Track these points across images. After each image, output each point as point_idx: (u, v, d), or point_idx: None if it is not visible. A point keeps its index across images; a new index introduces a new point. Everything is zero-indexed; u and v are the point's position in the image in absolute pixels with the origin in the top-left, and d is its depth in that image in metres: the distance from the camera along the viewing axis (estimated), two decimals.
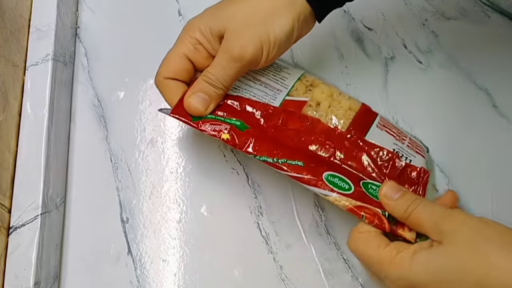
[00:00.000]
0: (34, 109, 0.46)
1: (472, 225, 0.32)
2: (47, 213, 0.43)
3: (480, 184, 0.45)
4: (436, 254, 0.32)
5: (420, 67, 0.50)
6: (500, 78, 0.48)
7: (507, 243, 0.30)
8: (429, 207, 0.34)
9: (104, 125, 0.50)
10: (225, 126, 0.39)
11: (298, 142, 0.40)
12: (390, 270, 0.33)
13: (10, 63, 0.46)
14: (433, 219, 0.33)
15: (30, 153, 0.45)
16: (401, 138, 0.42)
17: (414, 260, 0.32)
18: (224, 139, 0.38)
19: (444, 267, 0.31)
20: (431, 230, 0.33)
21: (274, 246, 0.44)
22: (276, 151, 0.38)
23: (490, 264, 0.29)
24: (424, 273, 0.31)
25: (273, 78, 0.43)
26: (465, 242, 0.31)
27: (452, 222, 0.32)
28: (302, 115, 0.41)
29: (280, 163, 0.37)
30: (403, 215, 0.35)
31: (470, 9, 0.51)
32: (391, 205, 0.36)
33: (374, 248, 0.34)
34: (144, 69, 0.52)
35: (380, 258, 0.34)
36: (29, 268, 0.41)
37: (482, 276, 0.29)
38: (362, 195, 0.37)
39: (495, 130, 0.47)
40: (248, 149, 0.38)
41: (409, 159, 0.41)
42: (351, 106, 0.43)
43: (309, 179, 0.37)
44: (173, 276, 0.44)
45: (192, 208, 0.46)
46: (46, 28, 0.50)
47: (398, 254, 0.33)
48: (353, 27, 0.52)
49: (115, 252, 0.45)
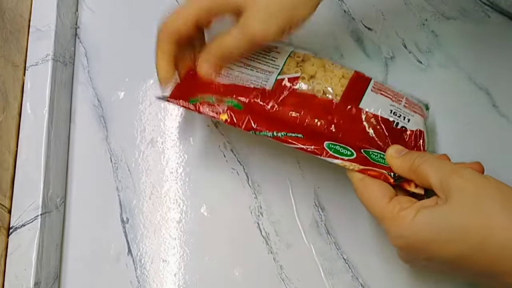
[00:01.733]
0: (34, 109, 0.46)
1: (479, 182, 0.31)
2: (47, 213, 0.43)
3: None
4: (441, 213, 0.31)
5: (420, 67, 0.50)
6: (500, 78, 0.48)
7: (509, 204, 0.30)
8: (437, 162, 0.34)
9: (104, 125, 0.50)
10: (222, 108, 0.39)
11: (295, 116, 0.40)
12: (392, 226, 0.32)
13: (10, 63, 0.46)
14: (440, 174, 0.33)
15: (30, 153, 0.45)
16: (398, 99, 0.42)
17: (416, 219, 0.31)
18: (223, 120, 0.38)
19: (448, 226, 0.30)
20: (437, 185, 0.32)
21: (274, 246, 0.44)
22: (274, 125, 0.38)
23: (492, 224, 0.29)
24: (426, 232, 0.31)
25: (263, 61, 0.43)
26: (471, 200, 0.30)
27: (459, 179, 0.31)
28: (297, 93, 0.41)
29: (281, 136, 0.38)
30: (410, 169, 0.34)
31: (470, 9, 0.51)
32: (398, 161, 0.36)
33: (378, 198, 0.34)
34: (144, 69, 0.52)
35: (383, 211, 0.33)
36: (29, 268, 0.41)
37: (485, 236, 0.29)
38: (365, 160, 0.37)
39: (495, 130, 0.47)
40: (248, 126, 0.38)
41: (408, 118, 0.41)
42: (344, 74, 0.42)
43: (311, 149, 0.37)
44: (173, 276, 0.44)
45: (192, 208, 0.46)
46: (46, 28, 0.50)
47: (401, 212, 0.32)
48: (353, 27, 0.52)
49: (115, 252, 0.45)
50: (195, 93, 0.41)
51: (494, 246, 0.29)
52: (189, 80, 0.42)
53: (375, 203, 0.34)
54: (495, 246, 0.29)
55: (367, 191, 0.35)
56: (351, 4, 0.53)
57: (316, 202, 0.45)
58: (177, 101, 0.40)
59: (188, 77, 0.43)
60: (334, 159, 0.37)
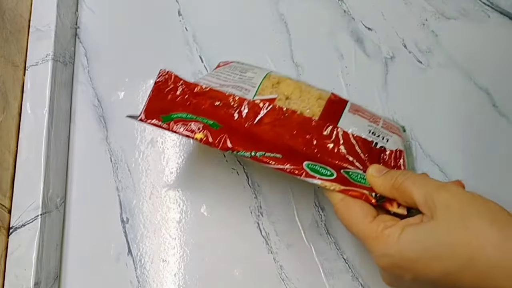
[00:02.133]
0: (34, 109, 0.46)
1: (464, 199, 0.30)
2: (47, 214, 0.43)
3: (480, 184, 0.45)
4: (427, 230, 0.30)
5: (420, 67, 0.50)
6: (500, 77, 0.48)
7: (497, 220, 0.29)
8: (420, 179, 0.33)
9: (104, 125, 0.50)
10: (197, 125, 0.37)
11: (274, 136, 0.39)
12: (376, 245, 0.31)
13: (10, 63, 0.46)
14: (424, 191, 0.32)
15: (30, 154, 0.45)
16: (375, 120, 0.42)
17: (402, 237, 0.30)
18: (198, 139, 0.37)
19: (434, 243, 0.30)
20: (422, 202, 0.31)
21: (274, 246, 0.44)
22: (252, 145, 0.37)
23: (481, 241, 0.28)
24: (412, 250, 0.30)
25: (240, 80, 0.43)
26: (457, 217, 0.30)
27: (445, 195, 0.31)
28: (278, 108, 0.40)
29: (259, 156, 0.36)
30: (392, 186, 0.33)
31: (470, 9, 0.51)
32: (379, 180, 0.35)
33: (360, 218, 0.33)
34: (144, 69, 0.52)
35: (366, 231, 0.32)
36: (29, 268, 0.41)
37: (473, 252, 0.28)
38: (346, 180, 0.36)
39: (495, 130, 0.47)
40: (224, 146, 0.37)
41: (386, 138, 0.40)
42: (320, 95, 0.42)
43: (291, 169, 0.36)
44: (173, 276, 0.44)
45: (192, 208, 0.46)
46: (46, 28, 0.50)
47: (386, 230, 0.31)
48: (353, 27, 0.52)
49: (115, 252, 0.45)
50: (167, 110, 0.39)
51: (483, 264, 0.28)
52: (160, 93, 0.40)
53: (357, 223, 0.33)
54: (484, 264, 0.28)
55: (348, 211, 0.34)
56: (351, 4, 0.53)
57: (316, 202, 0.45)
58: (149, 120, 0.37)
59: (158, 89, 0.40)
60: (314, 179, 0.35)
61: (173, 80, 0.40)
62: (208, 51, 0.52)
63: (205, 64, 0.52)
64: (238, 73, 0.44)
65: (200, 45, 0.53)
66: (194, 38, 0.53)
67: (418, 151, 0.47)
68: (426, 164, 0.46)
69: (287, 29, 0.52)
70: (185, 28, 0.54)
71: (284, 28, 0.52)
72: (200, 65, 0.52)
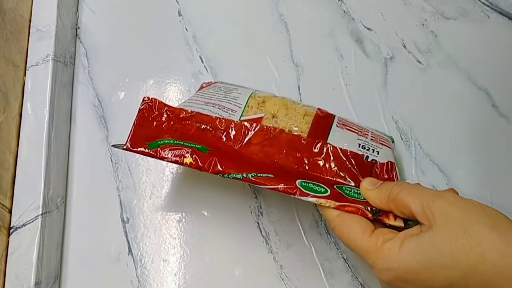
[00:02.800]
0: (34, 109, 0.46)
1: (462, 206, 0.30)
2: (47, 213, 0.43)
3: (480, 184, 0.45)
4: (427, 240, 0.30)
5: (419, 67, 0.50)
6: (500, 78, 0.49)
7: (496, 224, 0.29)
8: (415, 189, 0.33)
9: (105, 125, 0.50)
10: (186, 150, 0.36)
11: (264, 156, 0.39)
12: (377, 259, 0.31)
13: (10, 63, 0.46)
14: (421, 200, 0.31)
15: (30, 154, 0.45)
16: (363, 133, 0.42)
17: (403, 249, 0.30)
18: (188, 163, 0.36)
19: (436, 252, 0.29)
20: (420, 211, 0.31)
21: (274, 246, 0.44)
22: (243, 167, 0.36)
23: (483, 246, 0.28)
24: (414, 262, 0.30)
25: (225, 100, 0.42)
26: (456, 224, 0.29)
27: (442, 203, 0.30)
28: (266, 128, 0.40)
29: (251, 177, 0.35)
30: (388, 198, 0.33)
31: (470, 9, 0.51)
32: (373, 193, 0.34)
33: (358, 234, 0.32)
34: (144, 69, 0.52)
35: (366, 246, 0.32)
36: (30, 268, 0.41)
37: (476, 259, 0.28)
38: (340, 196, 0.36)
39: (494, 130, 0.47)
40: (214, 169, 0.36)
41: (377, 151, 0.40)
42: (307, 112, 0.42)
43: (284, 188, 0.35)
44: (173, 276, 0.44)
45: (192, 208, 0.46)
46: (46, 28, 0.50)
47: (386, 243, 0.31)
48: (353, 27, 0.52)
49: (115, 252, 0.45)
50: (153, 137, 0.38)
51: (487, 269, 0.28)
52: (144, 120, 0.39)
53: (355, 238, 0.32)
54: (488, 269, 0.28)
55: (345, 227, 0.33)
56: (350, 4, 0.53)
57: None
58: (135, 149, 0.36)
59: (142, 117, 0.39)
60: (309, 197, 0.35)
61: (157, 106, 0.39)
62: (208, 51, 0.52)
63: (205, 64, 0.52)
64: (223, 93, 0.43)
65: (200, 45, 0.53)
66: (194, 38, 0.53)
67: (418, 151, 0.47)
68: (426, 164, 0.46)
69: (287, 29, 0.52)
70: (185, 29, 0.54)
71: (284, 28, 0.52)
72: (200, 65, 0.52)
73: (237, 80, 0.48)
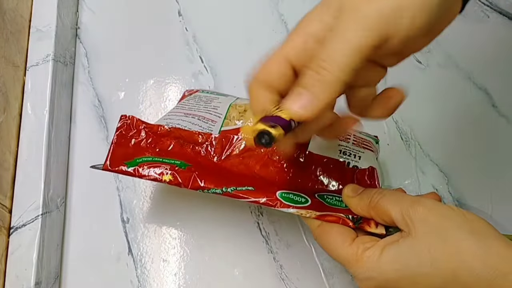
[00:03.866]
0: (34, 109, 0.46)
1: (441, 212, 0.30)
2: (47, 213, 0.43)
3: (480, 184, 0.45)
4: (406, 247, 0.29)
5: (419, 67, 0.50)
6: (499, 77, 0.49)
7: (476, 230, 0.29)
8: (396, 195, 0.32)
9: (105, 125, 0.50)
10: (165, 167, 0.36)
11: (244, 168, 0.39)
12: (358, 268, 0.31)
13: (10, 63, 0.46)
14: (400, 207, 0.31)
15: (30, 154, 0.45)
16: (345, 138, 0.41)
17: (383, 257, 0.30)
18: (167, 181, 0.36)
19: (415, 260, 0.29)
20: (399, 218, 0.31)
21: (274, 245, 0.44)
22: (223, 181, 0.36)
23: (462, 253, 0.28)
24: (393, 270, 0.29)
25: (205, 110, 0.42)
26: (435, 231, 0.29)
27: (421, 209, 0.30)
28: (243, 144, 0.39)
29: (230, 192, 0.35)
30: (369, 205, 0.33)
31: (469, 9, 0.51)
32: (355, 200, 0.34)
33: (339, 243, 0.32)
34: (144, 69, 0.52)
35: (346, 255, 0.31)
36: (30, 268, 0.41)
37: (456, 266, 0.28)
38: (321, 205, 0.36)
39: (494, 130, 0.47)
40: (194, 185, 0.36)
41: (358, 156, 0.40)
42: None
43: (264, 201, 0.35)
44: (173, 276, 0.44)
45: (192, 208, 0.46)
46: (46, 28, 0.50)
47: (365, 252, 0.31)
48: None
49: (115, 252, 0.45)
50: (132, 155, 0.37)
51: (467, 276, 0.28)
52: (123, 138, 0.39)
53: (336, 248, 0.32)
54: (468, 276, 0.28)
55: (326, 237, 0.33)
56: None
57: None
58: (114, 168, 0.36)
59: (121, 135, 0.39)
60: (289, 209, 0.34)
61: (135, 124, 0.39)
62: (208, 51, 0.52)
63: (205, 64, 0.52)
64: (203, 104, 0.43)
65: (200, 46, 0.53)
66: (194, 38, 0.53)
67: (418, 151, 0.47)
68: (426, 164, 0.46)
69: (287, 29, 0.52)
70: (185, 29, 0.54)
71: (284, 28, 0.52)
72: (200, 65, 0.52)
73: (237, 80, 0.47)
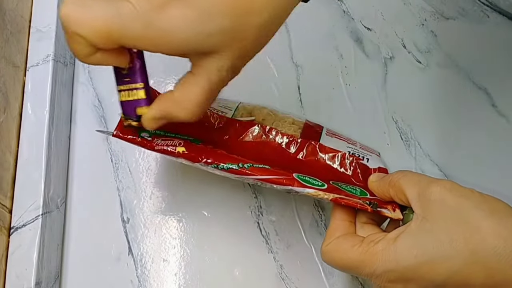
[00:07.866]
0: (34, 109, 0.46)
1: (460, 192, 0.29)
2: (48, 213, 0.43)
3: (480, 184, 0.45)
4: (423, 231, 0.29)
5: (419, 67, 0.50)
6: (499, 77, 0.49)
7: (495, 210, 0.28)
8: (416, 176, 0.32)
9: (105, 126, 0.50)
10: (178, 141, 0.35)
11: (257, 153, 0.38)
12: (374, 263, 0.29)
13: (10, 64, 0.46)
14: (418, 187, 0.31)
15: (31, 154, 0.45)
16: (352, 142, 0.42)
17: (398, 246, 0.29)
18: (180, 152, 0.34)
19: (433, 243, 0.28)
20: (415, 198, 0.30)
21: (274, 245, 0.44)
22: (238, 159, 0.35)
23: (483, 233, 0.27)
24: (412, 257, 0.28)
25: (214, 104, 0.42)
26: (453, 211, 0.28)
27: (439, 189, 0.29)
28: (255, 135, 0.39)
29: (247, 168, 0.34)
30: (389, 186, 0.33)
31: (469, 9, 0.51)
32: (378, 182, 0.34)
33: (348, 249, 0.31)
34: None
35: (359, 255, 0.30)
36: (30, 268, 0.41)
37: (476, 246, 0.27)
38: (337, 189, 0.35)
39: (494, 130, 0.47)
40: (207, 160, 0.35)
41: (367, 158, 0.40)
42: (294, 121, 0.42)
43: (280, 178, 0.34)
44: (173, 276, 0.44)
45: (192, 208, 0.46)
46: (46, 29, 0.50)
47: (377, 245, 0.30)
48: (353, 27, 0.52)
49: (116, 252, 0.45)
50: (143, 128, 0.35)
51: (488, 254, 0.27)
52: None
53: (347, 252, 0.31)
54: (490, 254, 0.27)
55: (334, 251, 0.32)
56: (350, 4, 0.53)
57: (316, 202, 0.45)
58: (124, 136, 0.35)
59: None
60: (307, 188, 0.34)
61: None
62: None
63: None
64: None
65: None
66: None
67: (418, 151, 0.47)
68: (426, 164, 0.46)
69: (287, 29, 0.52)
70: None
71: (284, 28, 0.52)
72: None
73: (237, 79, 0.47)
